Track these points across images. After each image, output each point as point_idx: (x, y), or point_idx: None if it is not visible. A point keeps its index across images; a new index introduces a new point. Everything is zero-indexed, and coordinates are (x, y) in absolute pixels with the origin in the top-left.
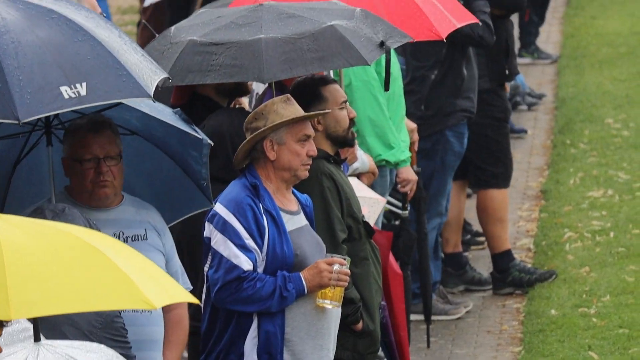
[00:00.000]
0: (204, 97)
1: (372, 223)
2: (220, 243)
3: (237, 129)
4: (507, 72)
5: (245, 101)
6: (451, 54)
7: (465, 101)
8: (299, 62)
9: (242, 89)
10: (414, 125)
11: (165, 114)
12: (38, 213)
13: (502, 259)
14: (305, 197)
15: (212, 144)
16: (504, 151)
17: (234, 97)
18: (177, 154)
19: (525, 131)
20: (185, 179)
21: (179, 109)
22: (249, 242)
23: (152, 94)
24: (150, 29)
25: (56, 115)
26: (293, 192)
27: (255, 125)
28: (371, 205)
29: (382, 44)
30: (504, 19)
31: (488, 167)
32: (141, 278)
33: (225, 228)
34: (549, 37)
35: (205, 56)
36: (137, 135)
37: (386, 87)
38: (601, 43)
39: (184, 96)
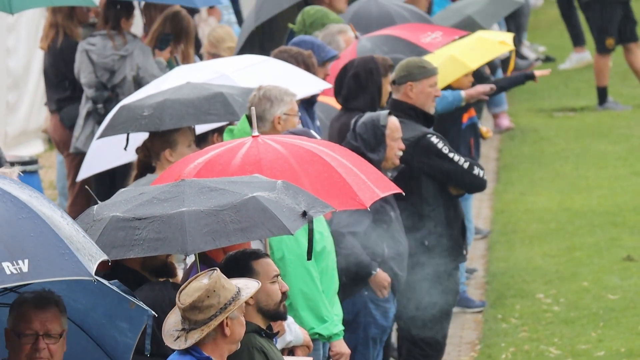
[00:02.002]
0: (130, 270)
1: None
2: None
3: (169, 304)
4: (465, 252)
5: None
6: None
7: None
8: (222, 234)
9: (168, 271)
10: None
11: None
12: None
13: None
14: None
15: (155, 314)
16: None
17: (159, 276)
18: (95, 327)
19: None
20: (97, 352)
21: (116, 280)
22: None
23: (93, 273)
24: (90, 192)
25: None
26: None
27: (209, 303)
28: None
29: (304, 213)
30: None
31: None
32: None
33: None
34: (479, 212)
35: (129, 231)
36: None
37: (308, 257)
38: (531, 219)
39: (105, 267)
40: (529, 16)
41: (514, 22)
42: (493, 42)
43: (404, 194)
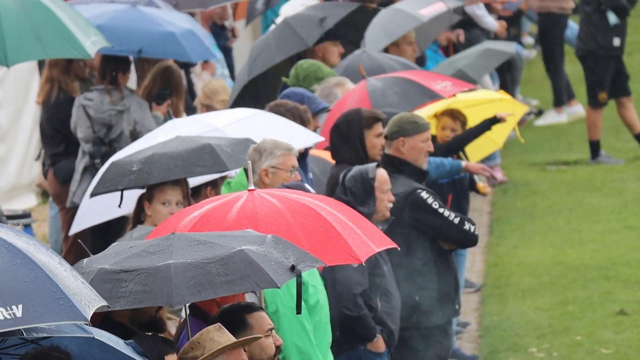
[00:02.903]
0: (118, 324)
1: None
2: None
3: (157, 358)
4: (457, 307)
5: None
6: None
7: None
8: (208, 286)
9: (157, 325)
10: None
11: (119, 343)
12: None
13: None
14: None
15: None
16: None
17: (148, 331)
18: None
19: None
20: None
21: (132, 340)
22: None
23: (88, 318)
24: (83, 245)
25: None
26: None
27: (193, 354)
28: None
29: (293, 267)
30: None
31: None
32: None
33: None
34: (472, 265)
35: (115, 283)
36: None
37: (298, 310)
38: (524, 272)
39: (94, 320)
40: (522, 70)
41: (507, 75)
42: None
43: (399, 248)
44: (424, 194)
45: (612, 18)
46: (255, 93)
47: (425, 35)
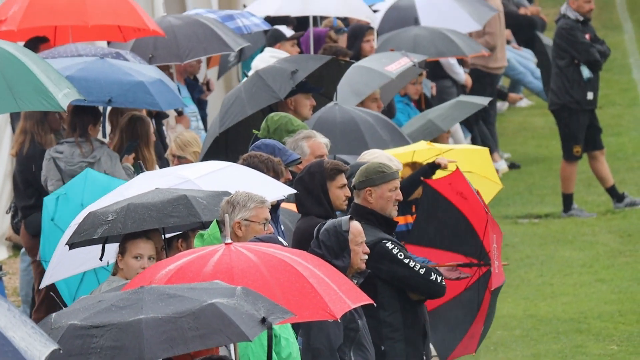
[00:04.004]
0: None
1: None
2: None
3: None
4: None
5: None
6: None
7: None
8: (180, 341)
9: None
10: None
11: None
12: None
13: None
14: None
15: None
16: None
17: None
18: None
19: None
20: None
21: None
22: None
23: None
24: (56, 298)
25: None
26: None
27: None
28: None
29: (263, 320)
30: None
31: None
32: None
33: None
34: None
35: (86, 339)
36: None
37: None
38: (496, 325)
39: None
40: (495, 124)
41: (479, 129)
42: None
43: (374, 304)
44: (390, 245)
45: (586, 72)
46: (227, 145)
47: (389, 90)
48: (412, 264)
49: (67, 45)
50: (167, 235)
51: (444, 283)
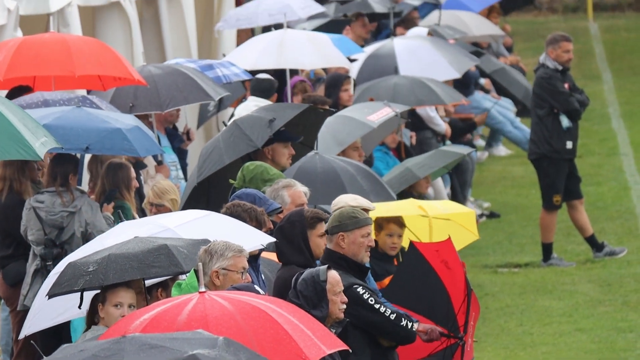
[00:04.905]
0: None
1: None
2: None
3: None
4: None
5: None
6: None
7: None
8: None
9: None
10: None
11: None
12: None
13: None
14: None
15: None
16: None
17: None
18: None
19: None
20: None
21: None
22: None
23: None
24: (36, 347)
25: None
26: None
27: None
28: None
29: None
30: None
31: None
32: None
33: None
34: None
35: None
36: None
37: None
38: None
39: None
40: (474, 172)
41: (459, 178)
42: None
43: (350, 350)
44: (361, 290)
45: (565, 121)
46: (206, 195)
47: (371, 139)
48: (382, 309)
49: (33, 94)
50: (147, 283)
51: (414, 329)
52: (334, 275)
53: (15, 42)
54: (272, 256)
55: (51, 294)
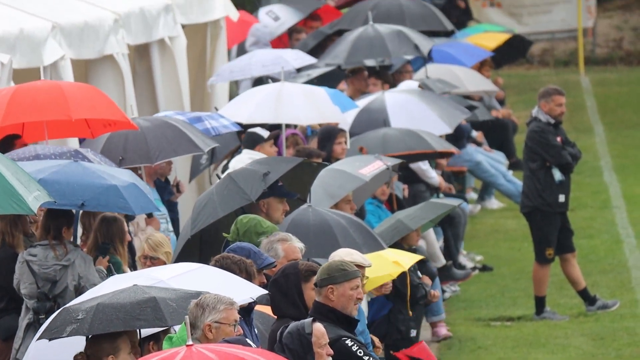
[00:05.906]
0: None
1: None
2: None
3: None
4: None
5: None
6: None
7: None
8: None
9: None
10: None
11: None
12: None
13: None
14: None
15: None
16: None
17: None
18: None
19: None
20: None
21: None
22: None
23: None
24: None
25: None
26: None
27: None
28: None
29: None
30: None
31: None
32: None
33: None
34: None
35: None
36: None
37: None
38: None
39: None
40: (466, 225)
41: (451, 231)
42: (387, 261)
43: None
44: (349, 342)
45: (557, 175)
46: (200, 248)
47: (362, 192)
48: None
49: (25, 148)
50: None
51: None
52: (319, 327)
53: (8, 90)
54: (267, 309)
55: (40, 338)
